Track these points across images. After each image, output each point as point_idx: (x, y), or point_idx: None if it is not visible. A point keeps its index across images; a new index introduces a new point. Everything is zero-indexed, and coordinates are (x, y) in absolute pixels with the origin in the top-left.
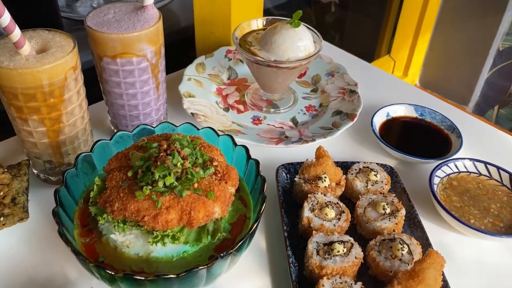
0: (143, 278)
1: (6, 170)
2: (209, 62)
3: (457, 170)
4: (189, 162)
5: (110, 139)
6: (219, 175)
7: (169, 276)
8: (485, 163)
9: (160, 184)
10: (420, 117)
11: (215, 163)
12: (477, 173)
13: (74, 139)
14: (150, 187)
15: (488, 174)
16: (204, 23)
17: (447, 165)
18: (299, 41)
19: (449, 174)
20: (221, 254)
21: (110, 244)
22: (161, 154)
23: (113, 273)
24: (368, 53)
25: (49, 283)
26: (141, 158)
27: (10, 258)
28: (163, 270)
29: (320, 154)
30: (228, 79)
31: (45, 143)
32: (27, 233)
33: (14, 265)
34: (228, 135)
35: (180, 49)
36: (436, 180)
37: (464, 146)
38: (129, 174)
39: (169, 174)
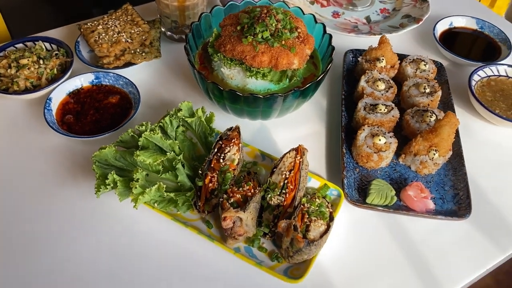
0: (241, 94)
1: (146, 22)
2: None
3: (498, 74)
4: (281, 25)
5: (224, 6)
6: (301, 39)
7: (258, 96)
8: None
9: (259, 36)
10: (480, 30)
11: (298, 30)
12: None
13: (195, 7)
14: (252, 37)
15: None
16: None
17: (489, 68)
18: None
19: (490, 75)
20: (295, 89)
21: (219, 77)
22: (262, 15)
23: (222, 89)
24: None
25: (175, 104)
26: (247, 17)
27: (148, 84)
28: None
29: (382, 40)
30: None
31: (175, 6)
32: (159, 68)
33: (150, 89)
34: (311, 14)
35: None
36: (476, 78)
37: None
38: (238, 28)
39: (266, 30)
